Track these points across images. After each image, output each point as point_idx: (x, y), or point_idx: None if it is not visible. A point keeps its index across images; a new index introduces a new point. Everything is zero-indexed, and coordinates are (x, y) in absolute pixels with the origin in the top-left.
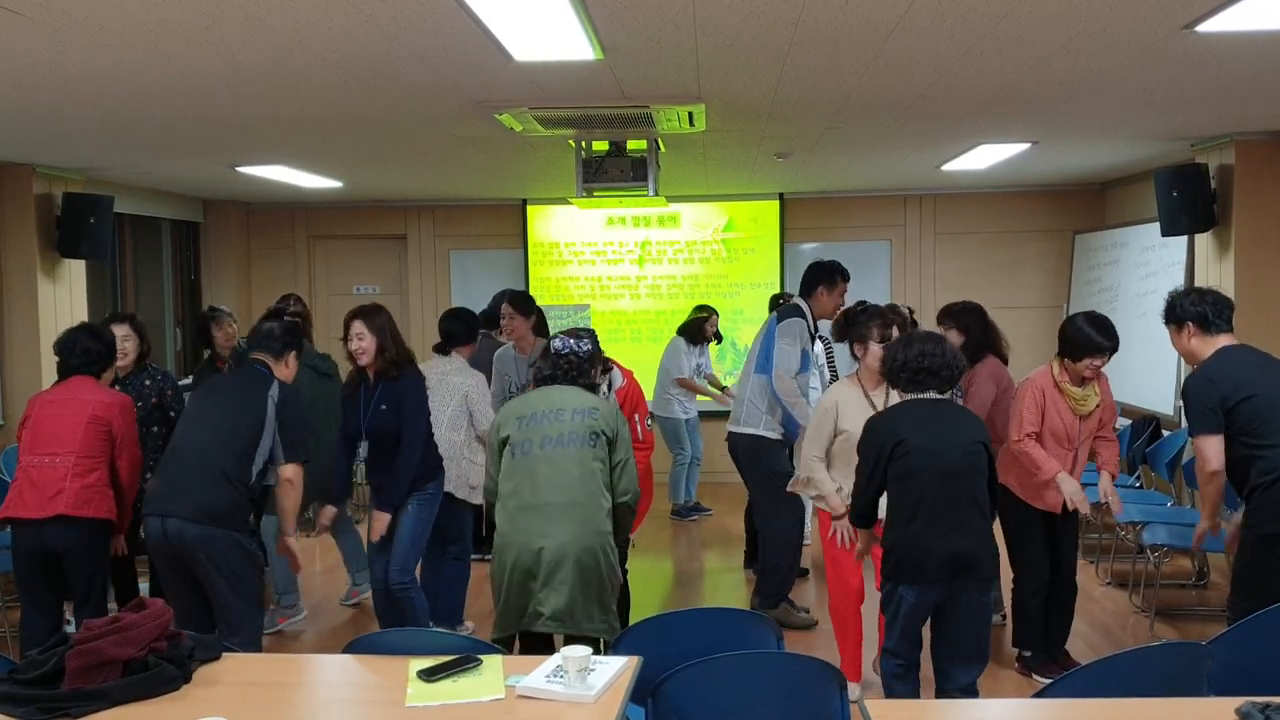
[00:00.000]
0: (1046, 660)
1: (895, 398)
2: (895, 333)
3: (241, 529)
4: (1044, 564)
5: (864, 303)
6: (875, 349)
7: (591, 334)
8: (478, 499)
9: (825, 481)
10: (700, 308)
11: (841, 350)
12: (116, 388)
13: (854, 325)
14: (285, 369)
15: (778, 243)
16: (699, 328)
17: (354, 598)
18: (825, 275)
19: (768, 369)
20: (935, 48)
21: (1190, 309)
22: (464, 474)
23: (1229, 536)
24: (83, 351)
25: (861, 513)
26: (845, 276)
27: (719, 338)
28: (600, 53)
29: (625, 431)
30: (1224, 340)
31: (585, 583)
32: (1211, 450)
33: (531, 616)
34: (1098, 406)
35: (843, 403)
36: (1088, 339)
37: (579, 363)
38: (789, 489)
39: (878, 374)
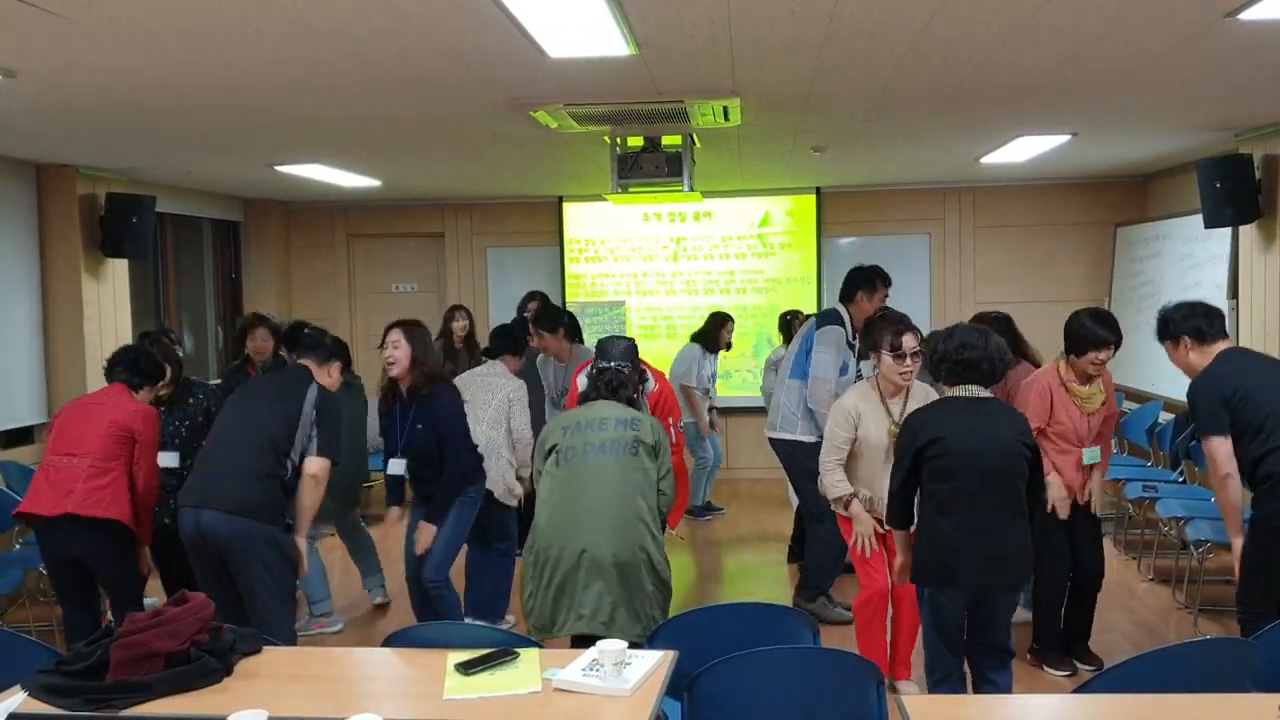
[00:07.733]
0: (1061, 653)
1: (915, 405)
2: (907, 340)
3: (276, 522)
4: (1065, 560)
5: (885, 309)
6: (887, 359)
7: (630, 343)
8: (513, 501)
9: (842, 485)
10: (717, 314)
11: None
12: (161, 409)
13: (868, 334)
14: (327, 376)
15: (815, 237)
16: (715, 335)
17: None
18: (866, 281)
19: (804, 374)
20: (972, 38)
21: (1184, 323)
22: (502, 473)
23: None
24: (129, 361)
25: (897, 513)
26: (887, 282)
27: (729, 346)
28: (635, 48)
29: (666, 442)
30: (1221, 346)
31: (626, 588)
32: (1222, 453)
33: (566, 622)
34: (1103, 404)
35: (862, 406)
36: (1090, 332)
37: (620, 379)
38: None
39: (893, 383)
